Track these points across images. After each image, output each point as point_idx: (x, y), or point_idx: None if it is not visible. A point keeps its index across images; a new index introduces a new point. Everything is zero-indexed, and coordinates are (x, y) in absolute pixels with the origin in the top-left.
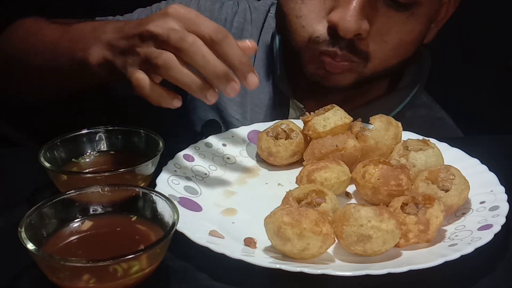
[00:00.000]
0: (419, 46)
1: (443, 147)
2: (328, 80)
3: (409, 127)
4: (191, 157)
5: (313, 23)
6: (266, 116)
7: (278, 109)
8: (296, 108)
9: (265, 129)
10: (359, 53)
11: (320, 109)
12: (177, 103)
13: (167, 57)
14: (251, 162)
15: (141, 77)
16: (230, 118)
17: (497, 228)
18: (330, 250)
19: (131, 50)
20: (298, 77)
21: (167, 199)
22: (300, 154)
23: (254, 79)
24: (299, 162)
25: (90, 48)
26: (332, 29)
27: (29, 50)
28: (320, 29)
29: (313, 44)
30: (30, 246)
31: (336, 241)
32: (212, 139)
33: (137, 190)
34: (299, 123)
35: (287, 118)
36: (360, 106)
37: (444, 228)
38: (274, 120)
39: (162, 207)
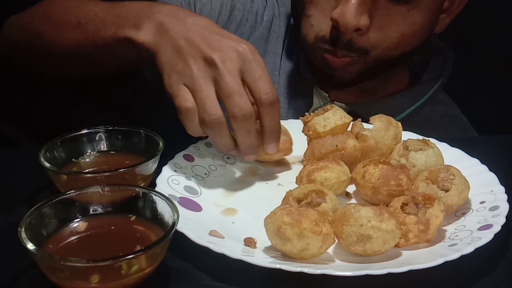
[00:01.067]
0: (426, 36)
1: (443, 147)
2: (334, 74)
3: (427, 123)
4: (191, 157)
5: (320, 22)
6: (291, 106)
7: (303, 99)
8: (320, 97)
9: None
10: (358, 50)
11: (319, 109)
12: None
13: (218, 122)
14: (251, 162)
15: (190, 109)
16: None
17: (497, 228)
18: (330, 250)
19: (188, 61)
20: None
21: (167, 199)
22: (284, 152)
23: (273, 149)
24: (299, 162)
25: (140, 25)
26: (335, 27)
27: (67, 24)
28: (326, 28)
29: (318, 42)
30: (30, 246)
31: (336, 241)
32: None
33: (137, 190)
34: (286, 123)
35: (311, 107)
36: (381, 98)
37: (444, 228)
38: (299, 110)
39: (162, 207)
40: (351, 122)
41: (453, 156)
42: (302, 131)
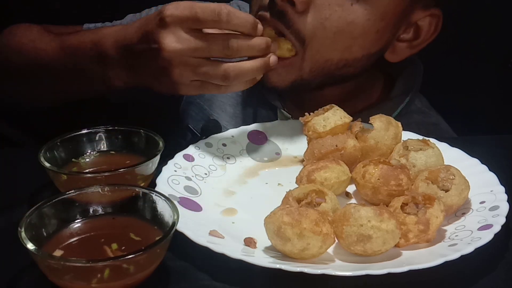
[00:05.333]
0: (371, 52)
1: (443, 147)
2: (267, 78)
3: None
4: (191, 157)
5: None
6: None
7: (267, 120)
8: (284, 118)
9: None
10: (292, 29)
11: (319, 109)
12: (259, 76)
13: (226, 68)
14: (251, 162)
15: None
16: (223, 129)
17: (497, 228)
18: (330, 250)
19: (166, 72)
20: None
21: (167, 199)
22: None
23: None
24: (299, 162)
25: (108, 75)
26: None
27: (24, 61)
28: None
29: (259, 10)
30: (30, 246)
31: (336, 241)
32: (212, 139)
33: (137, 190)
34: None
35: None
36: (352, 114)
37: (444, 228)
38: None
39: (162, 207)
40: (351, 122)
41: (453, 156)
42: (302, 131)
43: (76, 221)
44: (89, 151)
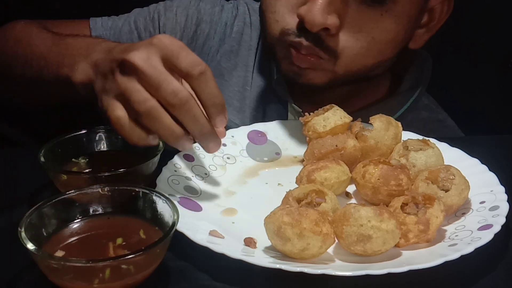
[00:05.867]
0: (400, 48)
1: (443, 147)
2: (301, 77)
3: (409, 130)
4: (191, 157)
5: (286, 17)
6: (264, 121)
7: (277, 114)
8: (295, 113)
9: None
10: (326, 49)
11: (319, 109)
12: (154, 141)
13: (152, 108)
14: (251, 162)
15: (121, 116)
16: (229, 123)
17: (497, 228)
18: (330, 250)
19: (111, 76)
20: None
21: (167, 199)
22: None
23: (222, 122)
24: (299, 162)
25: (77, 65)
26: (301, 22)
27: (18, 58)
28: (291, 22)
29: (283, 36)
30: (30, 246)
31: (336, 241)
32: None
33: (137, 190)
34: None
35: None
36: (360, 109)
37: (444, 228)
38: None
39: (162, 207)
40: (351, 122)
41: (453, 156)
42: (302, 131)
43: (76, 221)
44: (89, 151)
